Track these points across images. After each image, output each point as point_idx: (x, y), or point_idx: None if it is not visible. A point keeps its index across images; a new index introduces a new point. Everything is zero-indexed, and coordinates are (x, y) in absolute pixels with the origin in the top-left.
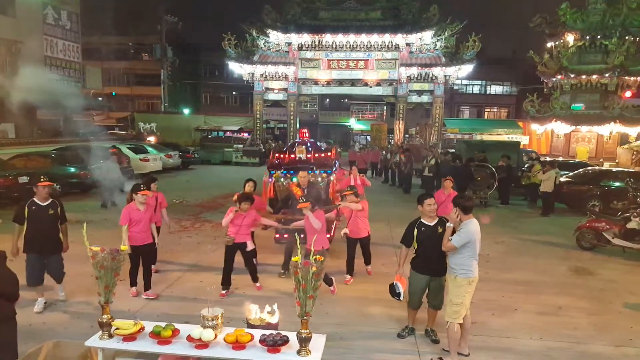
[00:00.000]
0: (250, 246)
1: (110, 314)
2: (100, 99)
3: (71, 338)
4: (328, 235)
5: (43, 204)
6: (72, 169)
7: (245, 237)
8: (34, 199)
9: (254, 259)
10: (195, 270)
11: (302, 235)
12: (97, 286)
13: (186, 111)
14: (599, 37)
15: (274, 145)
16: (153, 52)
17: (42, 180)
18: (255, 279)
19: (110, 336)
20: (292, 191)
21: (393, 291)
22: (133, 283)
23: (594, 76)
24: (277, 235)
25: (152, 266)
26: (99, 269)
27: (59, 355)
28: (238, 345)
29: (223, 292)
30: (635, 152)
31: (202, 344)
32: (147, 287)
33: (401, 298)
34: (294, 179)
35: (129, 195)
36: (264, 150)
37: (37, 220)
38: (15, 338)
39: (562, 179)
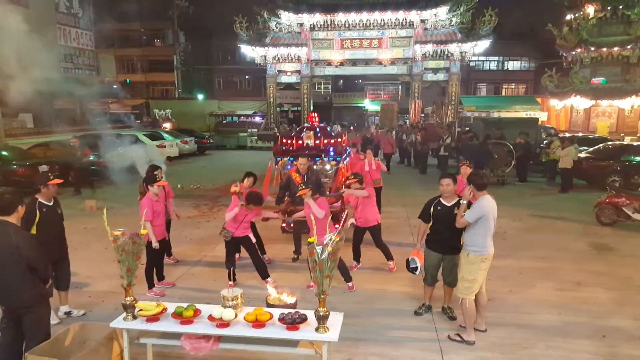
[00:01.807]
0: (253, 239)
1: (133, 295)
2: (115, 86)
3: (97, 320)
4: (337, 226)
5: (50, 204)
6: (91, 157)
7: (245, 230)
8: (40, 199)
9: (265, 256)
10: (214, 255)
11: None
12: (119, 269)
13: (200, 97)
14: (620, 7)
15: (285, 129)
16: (165, 37)
17: (50, 177)
18: (264, 276)
19: (134, 317)
20: (291, 178)
21: (408, 266)
22: (153, 283)
23: (615, 48)
24: (284, 225)
25: (171, 257)
26: (120, 252)
27: (86, 336)
28: (258, 323)
29: (230, 282)
30: None
31: (223, 323)
32: (161, 277)
33: (417, 273)
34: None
35: (142, 187)
36: (278, 134)
37: (49, 223)
38: (49, 319)
39: (582, 155)
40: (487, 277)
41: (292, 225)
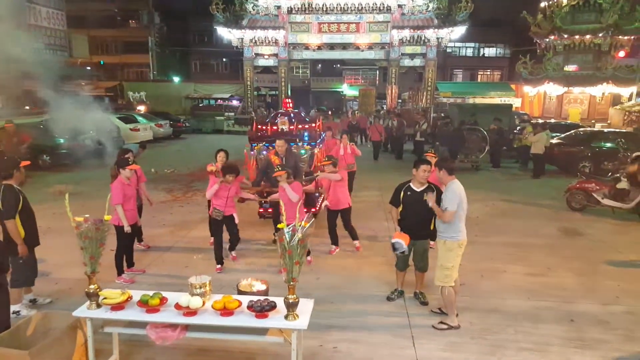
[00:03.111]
0: (237, 219)
1: (97, 283)
2: (88, 68)
3: (64, 309)
4: (313, 210)
5: (19, 188)
6: (62, 140)
7: (231, 209)
8: (14, 184)
9: (232, 252)
10: (187, 241)
11: (279, 207)
12: (82, 257)
13: (176, 79)
14: None
15: (262, 113)
16: (140, 18)
17: (19, 160)
18: (232, 249)
19: (98, 306)
20: (270, 160)
21: (394, 249)
22: (123, 270)
23: (588, 36)
24: (261, 210)
25: (142, 243)
26: (83, 239)
27: (48, 325)
28: (226, 311)
29: (218, 266)
30: (627, 113)
31: (190, 312)
32: (131, 264)
33: (405, 253)
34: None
35: (113, 170)
36: (255, 118)
37: (29, 209)
38: (7, 307)
39: (553, 141)
40: (460, 262)
41: (269, 210)
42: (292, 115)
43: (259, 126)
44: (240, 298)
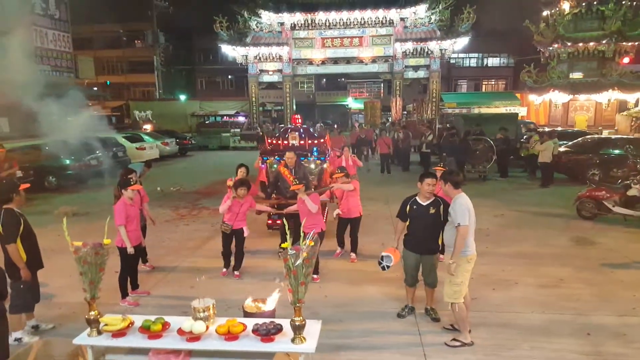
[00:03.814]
0: (246, 232)
1: (97, 309)
2: (94, 88)
3: (68, 335)
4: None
5: (20, 212)
6: (68, 161)
7: (241, 223)
8: (14, 208)
9: (236, 272)
10: (192, 260)
11: (291, 220)
12: (81, 282)
13: (182, 97)
14: (595, 2)
15: (267, 129)
16: (145, 38)
17: (18, 183)
18: (238, 267)
19: (99, 333)
20: (280, 173)
21: (380, 262)
22: (127, 292)
23: (591, 43)
24: (270, 221)
25: (146, 264)
26: (82, 264)
27: (49, 353)
28: (230, 336)
29: (224, 270)
30: (634, 119)
31: (194, 337)
32: (135, 286)
33: (386, 270)
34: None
35: (116, 190)
36: (261, 133)
37: (30, 232)
38: (6, 336)
39: (561, 149)
40: (470, 276)
41: (278, 221)
42: (301, 130)
43: (270, 141)
44: (245, 321)
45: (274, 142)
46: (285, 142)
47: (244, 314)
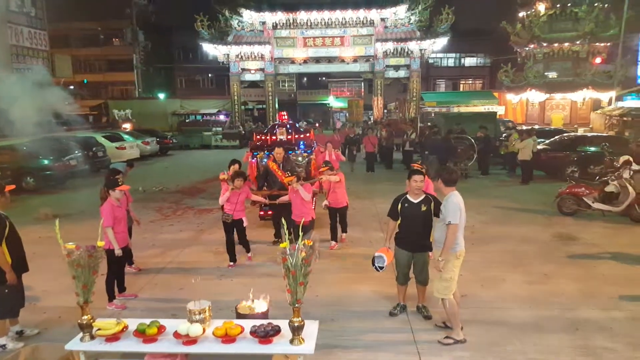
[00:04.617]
0: (245, 222)
1: (90, 314)
2: (71, 87)
3: (53, 340)
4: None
5: (5, 214)
6: (46, 161)
7: (240, 213)
8: None
9: (249, 254)
10: (179, 261)
11: (283, 211)
12: (74, 286)
13: (161, 96)
14: (569, 4)
15: (254, 126)
16: (124, 36)
17: (3, 185)
18: (248, 250)
19: (92, 337)
20: (269, 167)
21: (374, 263)
22: (114, 295)
23: (566, 44)
24: (262, 212)
25: (132, 266)
26: (75, 267)
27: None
28: (228, 338)
29: (231, 263)
30: (608, 117)
31: (190, 340)
32: (122, 289)
33: (380, 271)
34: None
35: (103, 192)
36: (243, 132)
37: (15, 235)
38: None
39: (539, 147)
40: (460, 272)
41: (269, 212)
42: (288, 126)
43: (259, 137)
44: (242, 323)
45: (263, 137)
46: (274, 137)
47: (237, 315)
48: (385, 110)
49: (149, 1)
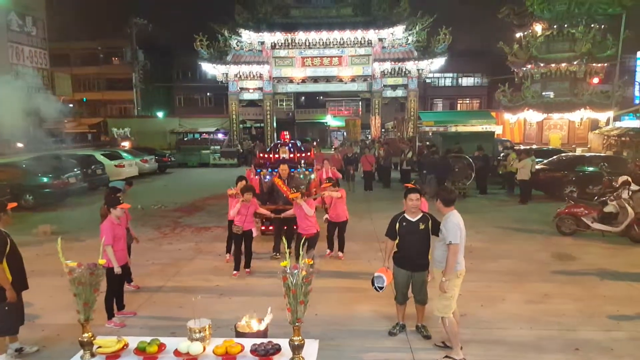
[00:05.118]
0: (255, 232)
1: (91, 331)
2: (71, 105)
3: (52, 358)
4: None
5: (6, 231)
6: (45, 179)
7: (250, 224)
8: (0, 228)
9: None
10: (178, 280)
11: (286, 225)
12: (75, 304)
13: (160, 114)
14: (566, 25)
15: (252, 145)
16: (123, 55)
17: (5, 203)
18: (248, 264)
19: (93, 355)
20: (275, 183)
21: (373, 283)
22: (113, 313)
23: (563, 64)
24: (263, 228)
25: (131, 283)
26: (76, 285)
27: None
28: (228, 357)
29: (235, 272)
30: (605, 137)
31: (191, 358)
32: (121, 306)
33: (380, 291)
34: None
35: (103, 209)
36: (241, 150)
37: (16, 252)
38: None
39: (538, 166)
40: (459, 292)
41: (270, 228)
42: (290, 145)
43: (263, 155)
44: (242, 341)
45: (266, 155)
46: (276, 155)
47: (236, 334)
48: (383, 130)
49: (149, 21)
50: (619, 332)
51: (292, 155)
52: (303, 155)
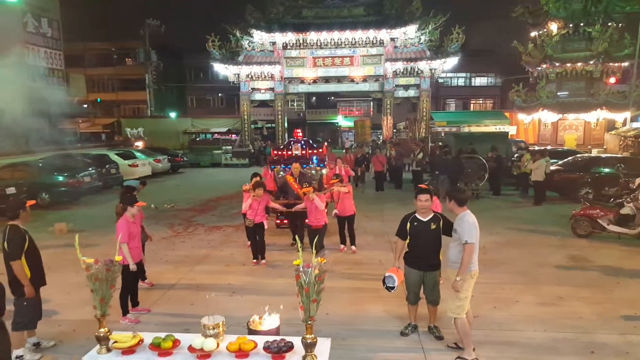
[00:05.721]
0: (266, 225)
1: (107, 327)
2: (85, 105)
3: (68, 352)
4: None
5: (25, 229)
6: (61, 178)
7: (262, 218)
8: (20, 225)
9: (263, 261)
10: (191, 277)
11: (298, 219)
12: (92, 299)
13: (173, 115)
14: (582, 24)
15: (264, 145)
16: (137, 56)
17: (24, 200)
18: (263, 256)
19: (109, 350)
20: (287, 180)
21: (384, 283)
22: (128, 309)
23: (579, 64)
24: (278, 221)
25: (145, 281)
26: (93, 281)
27: None
28: (241, 353)
29: (254, 260)
30: (622, 138)
31: (205, 354)
32: (135, 303)
33: (391, 291)
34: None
35: (119, 207)
36: (253, 150)
37: (35, 249)
38: (8, 349)
39: (552, 167)
40: (472, 293)
41: (285, 221)
42: (302, 142)
43: (277, 152)
44: (255, 339)
45: (280, 153)
46: (289, 152)
47: (249, 331)
48: (395, 130)
49: (162, 22)
50: (636, 336)
51: (304, 152)
52: (315, 151)
